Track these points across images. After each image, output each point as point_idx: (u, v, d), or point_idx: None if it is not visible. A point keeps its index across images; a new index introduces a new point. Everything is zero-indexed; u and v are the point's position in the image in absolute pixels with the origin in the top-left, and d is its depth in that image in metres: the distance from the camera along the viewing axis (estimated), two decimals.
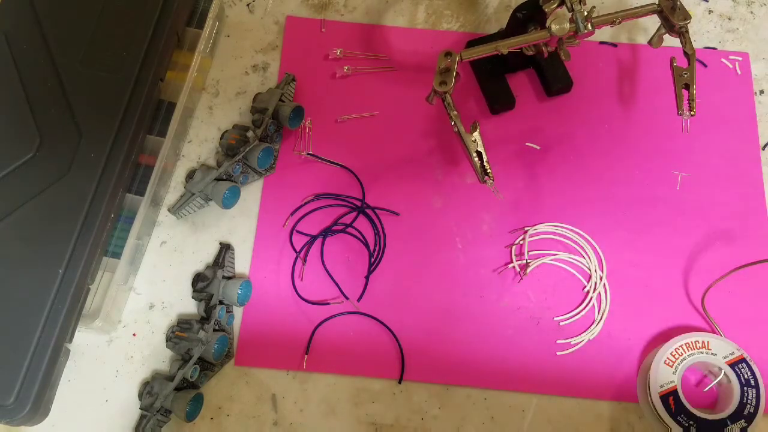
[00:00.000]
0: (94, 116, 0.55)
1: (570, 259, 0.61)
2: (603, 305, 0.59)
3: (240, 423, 0.56)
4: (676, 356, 0.56)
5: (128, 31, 0.58)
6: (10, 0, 0.58)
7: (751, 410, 0.54)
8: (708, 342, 0.56)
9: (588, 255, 0.61)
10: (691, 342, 0.56)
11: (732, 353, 0.56)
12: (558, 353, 0.58)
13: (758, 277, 0.60)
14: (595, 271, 0.60)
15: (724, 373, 0.55)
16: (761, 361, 0.57)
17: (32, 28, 0.57)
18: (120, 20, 0.58)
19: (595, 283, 0.60)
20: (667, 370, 0.55)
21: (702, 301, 0.59)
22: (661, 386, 0.55)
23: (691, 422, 0.54)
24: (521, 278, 0.60)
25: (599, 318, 0.59)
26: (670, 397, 0.54)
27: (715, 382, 0.57)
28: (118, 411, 0.56)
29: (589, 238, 0.61)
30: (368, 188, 0.63)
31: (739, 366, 0.55)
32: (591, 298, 0.59)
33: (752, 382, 0.55)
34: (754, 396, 0.55)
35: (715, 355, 0.56)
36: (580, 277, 0.60)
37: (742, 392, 0.55)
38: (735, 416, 0.54)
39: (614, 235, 0.62)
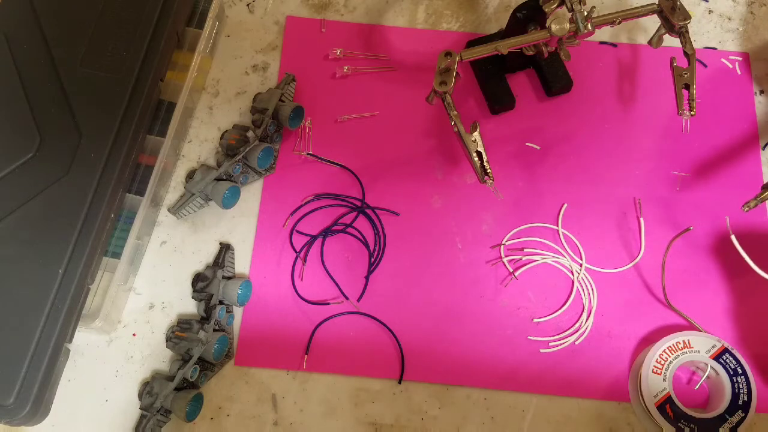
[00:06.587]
0: (94, 116, 0.55)
1: (558, 260, 0.61)
2: (591, 303, 0.59)
3: (240, 423, 0.56)
4: (662, 362, 0.56)
5: (128, 31, 0.57)
6: (10, 0, 0.58)
7: (745, 398, 0.55)
8: (689, 340, 0.56)
9: (582, 254, 0.61)
10: (673, 344, 0.56)
11: (714, 346, 0.56)
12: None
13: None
14: (577, 271, 0.60)
15: (711, 368, 0.56)
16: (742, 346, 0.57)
17: (32, 28, 0.57)
18: (120, 20, 0.58)
19: (586, 282, 0.60)
20: (656, 379, 0.55)
21: (665, 296, 0.59)
22: (655, 396, 0.55)
23: (692, 425, 0.54)
24: (510, 280, 0.60)
25: (585, 317, 0.59)
26: (666, 405, 0.54)
27: (704, 378, 0.57)
28: (118, 411, 0.56)
29: (573, 237, 0.61)
30: (368, 188, 0.63)
31: (724, 357, 0.56)
32: (572, 296, 0.60)
33: (739, 371, 0.55)
34: (744, 383, 0.55)
35: (698, 351, 0.56)
36: (579, 276, 0.61)
37: (732, 382, 0.55)
38: (731, 408, 0.54)
39: (614, 235, 0.62)
